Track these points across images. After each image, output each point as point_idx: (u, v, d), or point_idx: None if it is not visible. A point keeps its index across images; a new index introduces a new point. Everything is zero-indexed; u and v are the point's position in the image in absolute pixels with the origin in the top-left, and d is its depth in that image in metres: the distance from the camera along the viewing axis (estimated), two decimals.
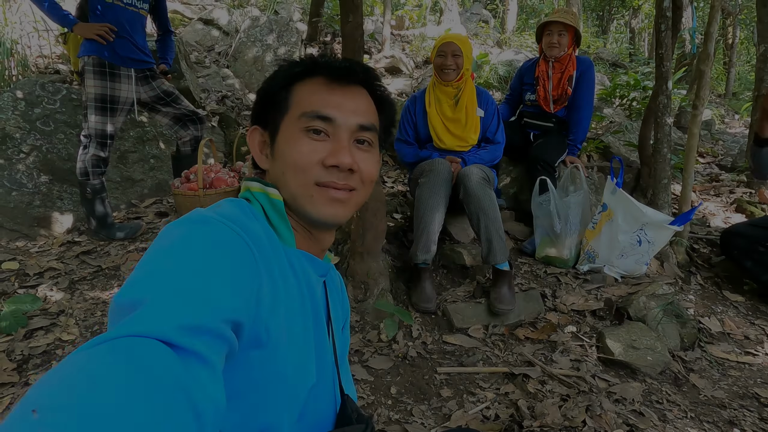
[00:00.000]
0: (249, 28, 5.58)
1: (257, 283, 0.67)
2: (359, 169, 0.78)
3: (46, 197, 2.96)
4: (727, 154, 5.13)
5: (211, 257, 0.61)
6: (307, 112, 0.77)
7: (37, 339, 1.96)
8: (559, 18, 2.95)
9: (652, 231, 2.52)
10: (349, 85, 0.80)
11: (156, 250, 0.61)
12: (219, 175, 2.80)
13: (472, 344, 2.15)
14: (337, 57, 0.84)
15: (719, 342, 2.28)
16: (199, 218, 0.67)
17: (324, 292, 0.89)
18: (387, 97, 0.86)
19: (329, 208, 0.77)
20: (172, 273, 0.56)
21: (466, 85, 2.66)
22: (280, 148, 0.79)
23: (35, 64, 4.05)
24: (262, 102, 0.84)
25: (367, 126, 0.80)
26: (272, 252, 0.74)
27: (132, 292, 0.54)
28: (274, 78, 0.83)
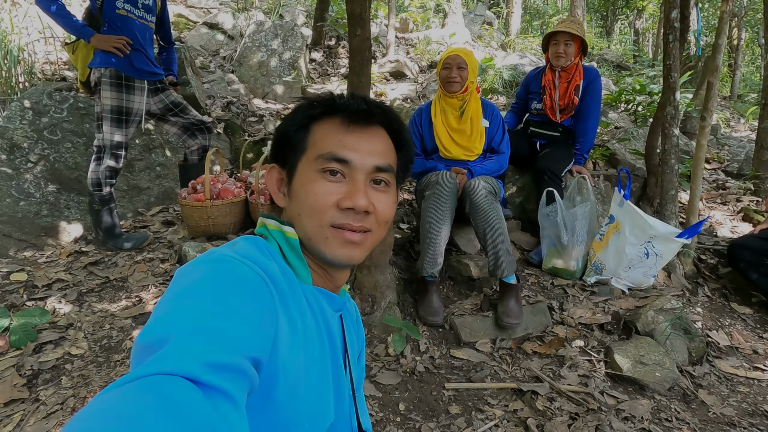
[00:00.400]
0: (254, 33, 5.59)
1: (275, 322, 0.67)
2: (375, 210, 0.78)
3: (53, 207, 2.97)
4: (733, 160, 5.11)
5: (232, 295, 0.62)
6: (324, 153, 0.77)
7: (47, 353, 1.97)
8: (565, 28, 2.95)
9: (659, 243, 2.51)
10: (367, 126, 0.80)
11: (177, 290, 0.62)
12: (226, 185, 2.82)
13: (479, 359, 2.15)
14: (356, 97, 0.83)
15: (727, 356, 2.27)
16: (218, 257, 0.69)
17: (341, 326, 0.89)
18: (406, 135, 0.86)
19: (344, 249, 0.77)
20: (195, 311, 0.57)
21: (471, 97, 2.67)
22: (297, 188, 0.79)
23: (42, 70, 4.06)
24: (280, 141, 0.84)
25: (383, 167, 0.80)
26: (289, 290, 0.75)
27: (156, 331, 0.55)
28: (292, 118, 0.83)
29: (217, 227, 2.74)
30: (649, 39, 18.02)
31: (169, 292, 0.63)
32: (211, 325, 0.56)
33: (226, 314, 0.58)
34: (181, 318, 0.56)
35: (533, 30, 12.82)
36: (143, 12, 2.73)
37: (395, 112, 0.86)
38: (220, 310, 0.58)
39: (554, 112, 3.13)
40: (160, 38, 3.06)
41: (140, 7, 2.70)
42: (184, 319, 0.56)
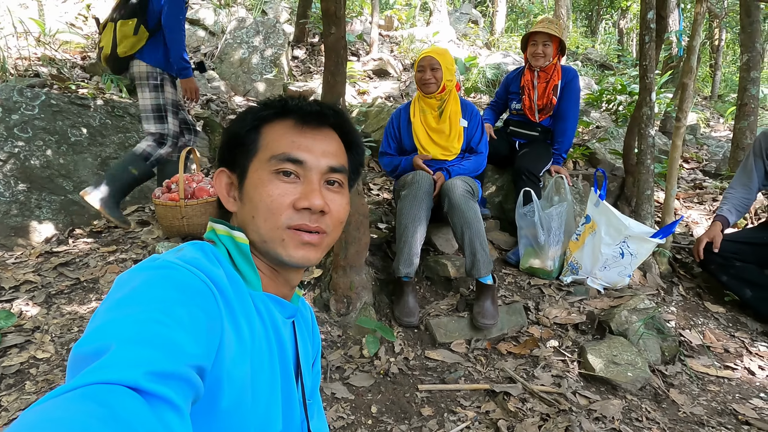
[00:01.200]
0: (235, 30, 5.52)
1: (219, 329, 0.66)
2: (330, 210, 0.78)
3: (23, 206, 2.91)
4: (711, 160, 5.17)
5: (174, 303, 0.60)
6: (277, 154, 0.76)
7: (11, 357, 1.92)
8: (543, 29, 2.95)
9: (634, 243, 2.53)
10: (320, 127, 0.80)
11: (117, 298, 0.60)
12: (201, 184, 2.78)
13: (454, 359, 2.14)
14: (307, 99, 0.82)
15: (699, 355, 2.29)
16: (161, 264, 0.67)
17: (293, 333, 0.87)
18: (356, 138, 0.87)
19: (301, 251, 0.77)
20: (136, 319, 0.56)
21: (450, 96, 2.66)
22: (249, 191, 0.78)
23: (14, 66, 3.97)
24: (229, 143, 0.82)
25: (337, 168, 0.79)
26: (236, 298, 0.73)
27: (96, 340, 0.53)
28: (242, 119, 0.82)
29: (192, 227, 2.70)
30: (633, 39, 18.19)
31: (109, 299, 0.61)
32: (153, 332, 0.54)
33: (169, 322, 0.57)
34: (122, 326, 0.55)
35: (518, 29, 12.87)
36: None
37: (347, 114, 0.85)
38: (163, 318, 0.57)
39: (533, 112, 3.14)
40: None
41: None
42: (125, 327, 0.54)
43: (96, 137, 3.32)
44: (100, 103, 3.45)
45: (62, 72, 4.07)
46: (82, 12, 5.72)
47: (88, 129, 3.30)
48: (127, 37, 2.82)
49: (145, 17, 2.82)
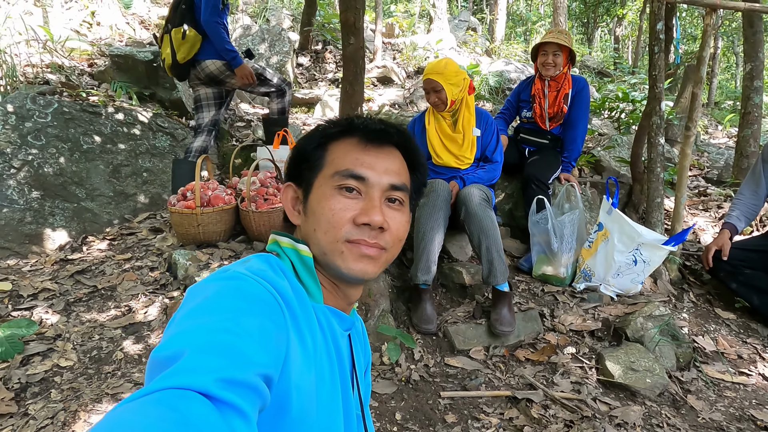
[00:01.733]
0: (241, 37, 5.55)
1: (286, 340, 0.68)
2: (389, 227, 0.79)
3: (37, 213, 2.91)
4: (713, 167, 5.24)
5: (244, 313, 0.63)
6: (341, 170, 0.79)
7: (35, 366, 1.92)
8: (553, 39, 3.00)
9: (647, 251, 2.56)
10: (383, 145, 0.82)
11: (191, 307, 0.63)
12: (216, 192, 2.79)
13: (473, 366, 2.16)
14: (373, 118, 0.85)
15: (714, 361, 2.32)
16: (231, 275, 0.69)
17: (349, 345, 0.89)
18: (420, 158, 0.88)
19: (359, 263, 0.78)
20: (208, 328, 0.58)
21: (462, 105, 2.67)
22: (313, 205, 0.80)
23: (23, 73, 3.97)
24: (297, 159, 0.85)
25: (398, 185, 0.81)
26: (300, 309, 0.75)
27: (171, 347, 0.56)
28: (310, 136, 0.84)
29: (207, 235, 2.72)
30: (628, 46, 18.39)
31: (183, 308, 0.64)
32: (224, 341, 0.56)
33: (239, 331, 0.59)
34: (195, 334, 0.57)
35: (517, 36, 12.99)
36: (226, 29, 3.14)
37: (410, 134, 0.87)
38: (233, 327, 0.59)
39: (544, 120, 3.18)
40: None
41: (226, 25, 3.14)
42: (198, 335, 0.57)
43: (107, 144, 3.33)
44: (111, 110, 3.46)
45: (71, 79, 4.08)
46: (86, 19, 5.73)
47: (100, 136, 3.31)
48: (181, 43, 3.02)
49: (193, 20, 3.02)
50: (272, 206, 2.75)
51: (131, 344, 2.10)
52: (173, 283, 2.50)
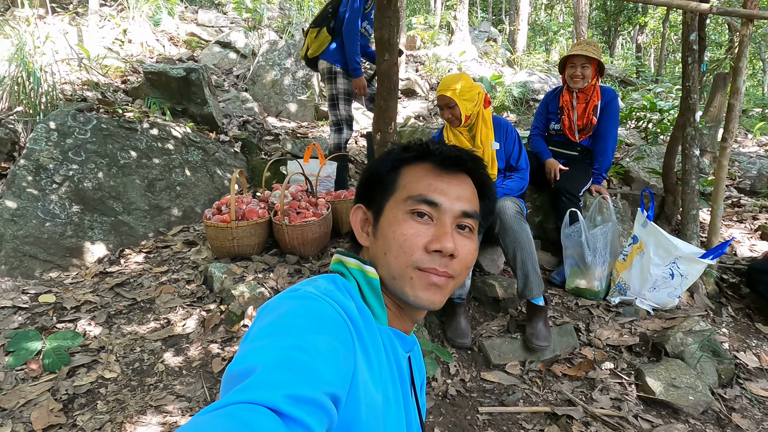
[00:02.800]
0: (267, 52, 5.66)
1: (353, 360, 0.69)
2: (459, 255, 0.79)
3: (77, 227, 3.00)
4: (744, 177, 5.12)
5: (315, 332, 0.65)
6: (414, 195, 0.80)
7: (80, 377, 1.97)
8: (581, 51, 2.98)
9: (684, 264, 2.52)
10: (456, 172, 0.83)
11: (263, 324, 0.65)
12: (250, 206, 2.84)
13: (510, 381, 2.15)
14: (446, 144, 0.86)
15: (757, 378, 2.26)
16: (302, 294, 0.72)
17: (409, 366, 0.90)
18: (490, 186, 0.89)
19: (427, 292, 0.79)
20: (279, 346, 0.60)
21: (479, 119, 2.65)
22: (384, 228, 0.81)
23: (62, 91, 4.11)
24: (369, 181, 0.86)
25: (469, 213, 0.81)
26: (366, 331, 0.77)
27: (244, 362, 0.58)
28: (384, 159, 0.86)
29: (242, 248, 2.76)
30: (651, 54, 18.19)
31: (255, 326, 0.67)
32: (295, 358, 0.58)
33: (309, 350, 0.61)
34: (267, 351, 0.59)
35: (538, 46, 12.94)
36: (371, 29, 3.44)
37: (483, 161, 0.88)
38: (304, 345, 0.61)
39: (573, 132, 3.16)
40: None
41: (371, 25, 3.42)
42: (270, 351, 0.59)
43: (143, 159, 3.42)
44: (146, 126, 3.56)
45: (106, 96, 4.20)
46: (119, 36, 5.91)
47: (136, 151, 3.40)
48: (314, 41, 3.45)
49: (332, 23, 3.38)
50: (305, 219, 2.79)
51: (171, 356, 2.14)
52: (209, 295, 2.54)
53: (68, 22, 5.98)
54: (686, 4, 2.48)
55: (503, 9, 17.97)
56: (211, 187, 3.72)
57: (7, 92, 3.75)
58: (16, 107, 3.74)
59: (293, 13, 9.31)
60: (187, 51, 6.30)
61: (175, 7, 7.21)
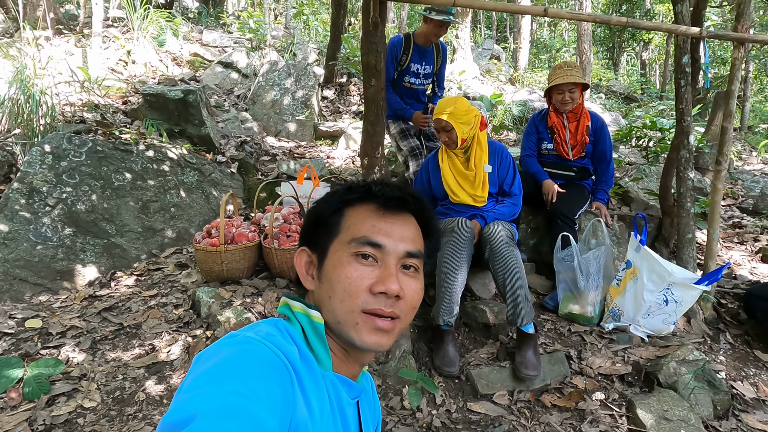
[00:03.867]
0: (267, 72, 5.71)
1: (292, 405, 0.68)
2: (405, 295, 0.79)
3: (69, 250, 3.00)
4: (747, 196, 5.06)
5: (254, 377, 0.63)
6: (358, 237, 0.79)
7: (59, 407, 1.95)
8: (568, 79, 2.96)
9: (679, 290, 2.47)
10: (400, 212, 0.83)
11: (201, 372, 0.64)
12: (240, 229, 2.83)
13: (497, 412, 2.10)
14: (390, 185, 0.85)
15: (754, 410, 2.19)
16: (242, 339, 0.70)
17: (356, 413, 0.88)
18: (435, 224, 0.89)
19: (373, 336, 0.78)
20: (220, 392, 0.59)
21: (474, 142, 2.66)
22: (328, 271, 0.80)
23: (62, 112, 4.16)
24: (313, 224, 0.85)
25: (414, 253, 0.81)
26: (309, 376, 0.75)
27: (183, 410, 0.57)
28: (327, 201, 0.85)
29: (231, 272, 2.75)
30: (656, 70, 18.20)
31: (192, 373, 0.65)
32: (235, 405, 0.57)
33: (250, 395, 0.60)
34: (207, 398, 0.58)
35: (541, 63, 12.99)
36: (423, 80, 3.58)
37: (426, 201, 0.87)
38: (244, 391, 0.60)
39: (567, 150, 3.15)
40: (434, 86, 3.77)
41: (421, 77, 3.56)
42: (210, 399, 0.58)
43: (137, 181, 3.43)
44: (141, 147, 3.58)
45: (105, 117, 4.25)
46: (122, 57, 6.00)
47: (131, 173, 3.42)
48: None
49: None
50: (294, 243, 2.77)
51: (153, 384, 2.11)
52: (196, 320, 2.52)
53: (74, 44, 6.10)
54: (676, 28, 2.47)
55: (508, 26, 18.11)
56: (206, 208, 3.72)
57: (6, 114, 3.80)
58: (14, 129, 3.78)
59: (297, 33, 9.44)
60: (190, 71, 6.38)
61: (180, 27, 7.33)
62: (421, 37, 3.45)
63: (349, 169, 4.43)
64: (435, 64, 3.61)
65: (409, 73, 3.53)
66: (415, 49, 3.47)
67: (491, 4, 2.38)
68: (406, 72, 3.52)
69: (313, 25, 10.37)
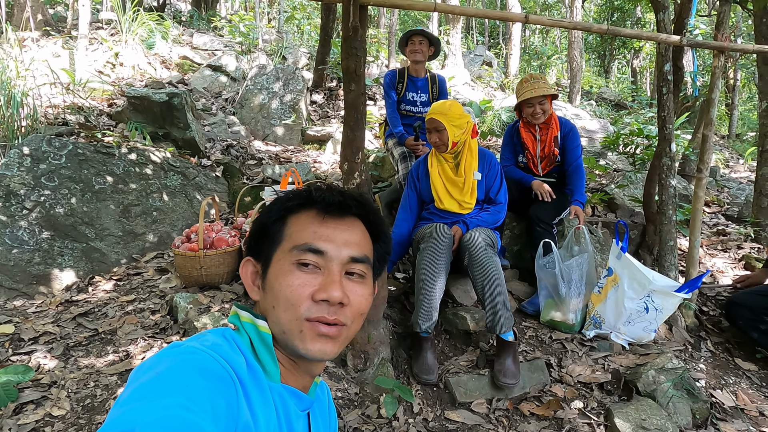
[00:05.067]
0: (256, 76, 5.69)
1: (236, 417, 0.66)
2: (350, 302, 0.77)
3: (46, 254, 2.95)
4: (733, 203, 5.09)
5: (197, 388, 0.61)
6: (299, 245, 0.77)
7: (27, 415, 1.90)
8: (537, 93, 2.94)
9: (659, 298, 2.46)
10: (343, 217, 0.81)
11: (141, 383, 0.61)
12: (220, 234, 2.80)
13: (474, 421, 2.07)
14: (332, 189, 0.83)
15: (733, 419, 2.19)
16: (185, 349, 0.68)
17: (307, 426, 0.86)
18: (382, 228, 0.87)
19: (318, 344, 0.76)
20: (160, 404, 0.57)
21: (465, 147, 2.66)
22: (271, 280, 0.79)
23: (45, 114, 4.12)
24: (257, 233, 0.84)
25: (359, 258, 0.80)
26: (255, 388, 0.74)
27: (121, 425, 0.54)
28: (270, 210, 0.83)
29: (210, 277, 2.71)
30: (647, 77, 18.33)
31: (132, 385, 0.63)
32: (177, 417, 0.55)
33: (191, 407, 0.58)
34: (146, 411, 0.56)
35: (532, 70, 13.06)
36: (420, 108, 3.70)
37: (371, 203, 0.86)
38: (185, 403, 0.58)
39: (536, 165, 3.16)
40: None
41: (419, 105, 3.70)
42: (149, 412, 0.56)
43: (119, 184, 3.39)
44: (124, 150, 3.54)
45: (89, 120, 4.21)
46: (110, 60, 5.96)
47: (112, 176, 3.38)
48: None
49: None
50: None
51: None
52: (173, 326, 2.49)
53: (61, 46, 6.05)
54: (657, 36, 2.48)
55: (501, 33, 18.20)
56: (189, 212, 3.68)
57: None
58: None
59: (289, 37, 9.43)
60: (178, 74, 6.34)
61: (170, 30, 7.30)
62: (411, 67, 3.72)
63: (335, 174, 4.40)
64: (431, 93, 3.77)
65: (405, 101, 3.73)
66: (408, 79, 3.72)
67: (471, 11, 2.38)
68: (403, 100, 3.73)
69: (306, 29, 10.37)
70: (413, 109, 3.73)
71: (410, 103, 3.72)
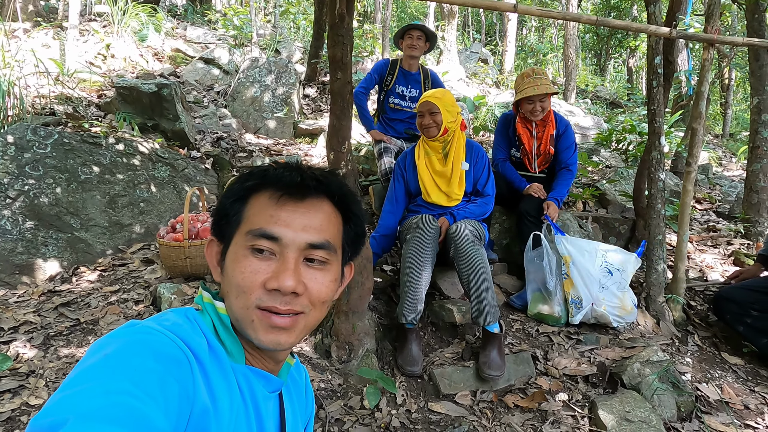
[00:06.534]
0: (248, 69, 5.65)
1: (191, 400, 0.63)
2: (307, 290, 0.73)
3: (30, 244, 2.92)
4: (724, 200, 5.09)
5: (146, 371, 0.58)
6: (254, 229, 0.73)
7: (2, 404, 1.87)
8: (539, 91, 2.91)
9: (614, 257, 2.58)
10: (304, 199, 0.75)
11: (87, 366, 0.58)
12: (206, 225, 2.77)
13: (458, 413, 2.06)
14: (291, 167, 0.79)
15: (718, 412, 2.18)
16: (139, 329, 0.65)
17: (278, 407, 0.83)
18: (353, 207, 0.82)
19: (270, 335, 0.72)
20: (102, 390, 0.53)
21: (454, 138, 2.64)
22: (228, 265, 0.75)
23: (32, 104, 4.07)
24: (218, 213, 0.80)
25: (318, 244, 0.74)
26: (217, 369, 0.71)
27: (53, 413, 0.50)
28: (231, 188, 0.79)
29: (195, 268, 2.68)
30: (642, 77, 18.35)
31: (79, 367, 0.58)
32: (119, 404, 0.52)
33: (138, 393, 0.54)
34: (84, 398, 0.52)
35: (527, 67, 13.02)
36: (409, 103, 3.65)
37: (340, 182, 0.81)
38: (131, 389, 0.54)
39: (531, 162, 3.14)
40: None
41: (407, 99, 3.65)
42: (87, 399, 0.52)
43: (105, 175, 3.35)
44: (111, 141, 3.50)
45: (78, 110, 4.16)
46: (101, 51, 5.90)
47: (99, 167, 3.34)
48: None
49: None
50: None
51: None
52: None
53: (52, 37, 5.99)
54: (646, 27, 2.46)
55: (497, 30, 18.17)
56: (177, 203, 3.65)
57: None
58: None
59: (284, 31, 9.38)
60: (171, 67, 6.29)
61: (164, 23, 7.24)
62: (405, 61, 3.64)
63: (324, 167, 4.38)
64: (423, 88, 3.69)
65: (394, 94, 3.65)
66: (400, 72, 3.64)
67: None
68: (392, 93, 3.65)
69: (302, 24, 10.32)
70: (401, 103, 3.68)
71: (399, 96, 3.67)
